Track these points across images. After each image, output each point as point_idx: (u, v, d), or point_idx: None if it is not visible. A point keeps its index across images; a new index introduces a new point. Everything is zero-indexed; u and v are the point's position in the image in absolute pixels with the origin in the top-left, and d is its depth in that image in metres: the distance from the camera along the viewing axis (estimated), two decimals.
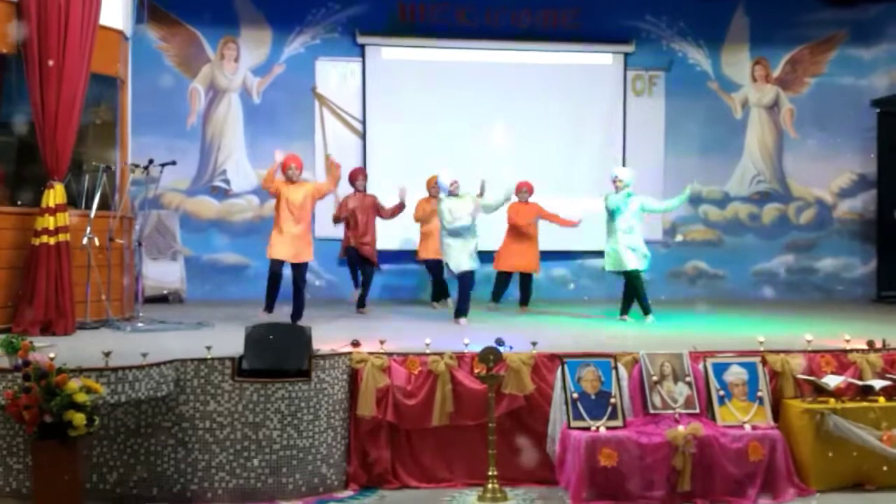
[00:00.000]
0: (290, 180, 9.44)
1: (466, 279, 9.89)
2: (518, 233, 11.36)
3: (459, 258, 9.77)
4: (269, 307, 9.54)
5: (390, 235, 12.04)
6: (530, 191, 11.53)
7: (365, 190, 11.15)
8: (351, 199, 11.03)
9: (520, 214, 11.39)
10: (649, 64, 14.07)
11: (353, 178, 11.13)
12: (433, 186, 11.21)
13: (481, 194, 10.16)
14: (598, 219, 13.54)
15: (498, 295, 11.47)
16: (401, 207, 11.11)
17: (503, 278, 11.46)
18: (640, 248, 10.12)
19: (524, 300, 11.48)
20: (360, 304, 10.91)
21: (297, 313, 9.36)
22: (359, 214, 10.90)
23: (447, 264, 10.04)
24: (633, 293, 10.23)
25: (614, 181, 10.23)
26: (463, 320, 9.70)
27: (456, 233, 9.74)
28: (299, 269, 9.45)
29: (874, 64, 14.37)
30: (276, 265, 9.42)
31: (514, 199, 11.09)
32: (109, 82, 9.51)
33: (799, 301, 13.16)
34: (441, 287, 11.63)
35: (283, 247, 9.32)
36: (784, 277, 14.25)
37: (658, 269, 13.78)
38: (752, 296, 13.64)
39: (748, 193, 14.33)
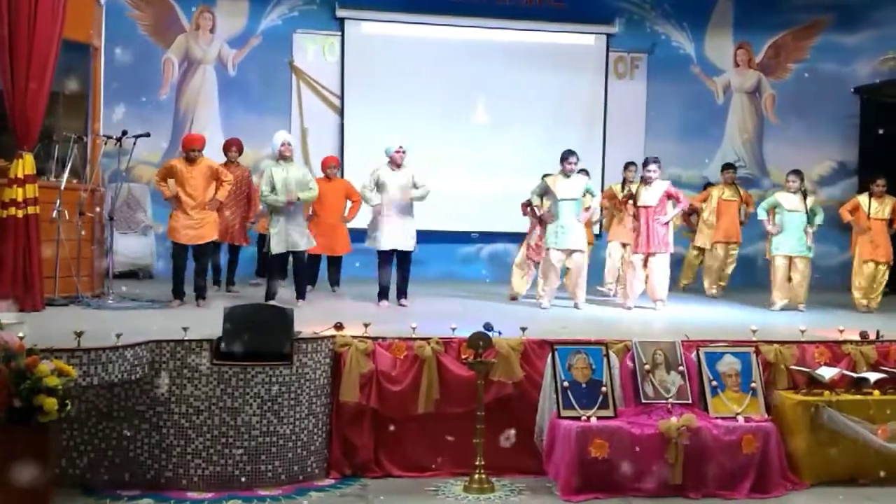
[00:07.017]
0: (190, 161, 8.92)
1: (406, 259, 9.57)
2: (325, 214, 10.43)
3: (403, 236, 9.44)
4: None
5: None
6: (338, 166, 10.94)
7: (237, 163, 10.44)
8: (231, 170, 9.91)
9: (328, 192, 10.29)
10: (632, 46, 13.91)
11: (226, 148, 10.45)
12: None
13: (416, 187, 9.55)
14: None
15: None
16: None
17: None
18: None
19: (335, 281, 10.72)
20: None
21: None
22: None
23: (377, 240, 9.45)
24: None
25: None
26: (405, 300, 9.45)
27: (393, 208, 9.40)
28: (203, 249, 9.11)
29: (857, 51, 14.25)
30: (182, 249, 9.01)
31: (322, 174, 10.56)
32: (82, 49, 9.16)
33: None
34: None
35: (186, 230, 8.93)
36: (761, 263, 14.12)
37: None
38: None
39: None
